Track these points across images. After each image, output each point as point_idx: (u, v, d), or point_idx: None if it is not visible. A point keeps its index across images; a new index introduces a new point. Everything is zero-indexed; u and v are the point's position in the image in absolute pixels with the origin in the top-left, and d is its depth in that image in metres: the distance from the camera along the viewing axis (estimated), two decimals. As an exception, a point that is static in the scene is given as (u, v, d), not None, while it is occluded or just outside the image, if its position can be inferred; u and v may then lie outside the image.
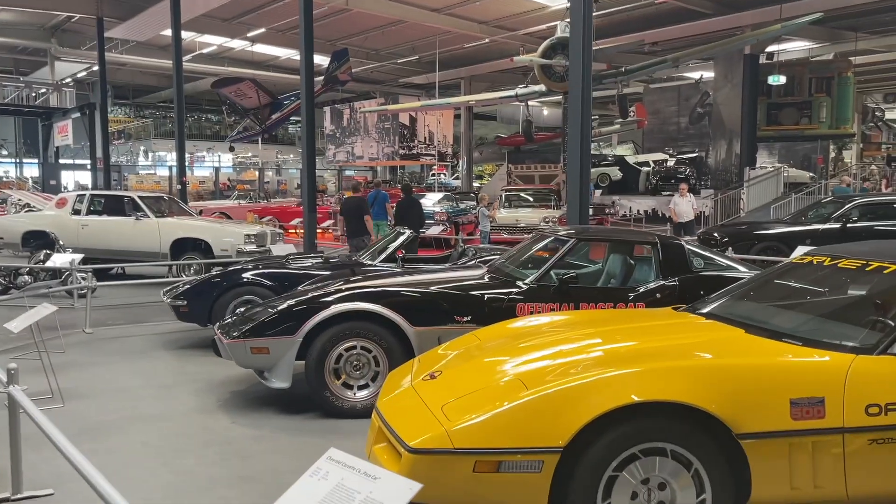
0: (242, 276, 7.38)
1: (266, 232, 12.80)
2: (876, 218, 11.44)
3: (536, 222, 16.10)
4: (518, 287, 5.28)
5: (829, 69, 24.99)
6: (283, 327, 5.06)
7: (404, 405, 3.34)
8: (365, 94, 36.34)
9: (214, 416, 5.13)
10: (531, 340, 3.71)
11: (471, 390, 3.16)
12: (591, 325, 3.91)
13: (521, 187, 18.44)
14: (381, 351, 5.05)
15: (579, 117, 9.84)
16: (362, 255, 7.90)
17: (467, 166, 31.34)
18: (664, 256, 5.40)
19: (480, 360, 3.58)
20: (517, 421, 2.84)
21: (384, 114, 28.83)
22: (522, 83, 29.47)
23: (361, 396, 5.07)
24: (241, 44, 28.52)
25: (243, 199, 26.39)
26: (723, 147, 25.34)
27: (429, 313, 5.12)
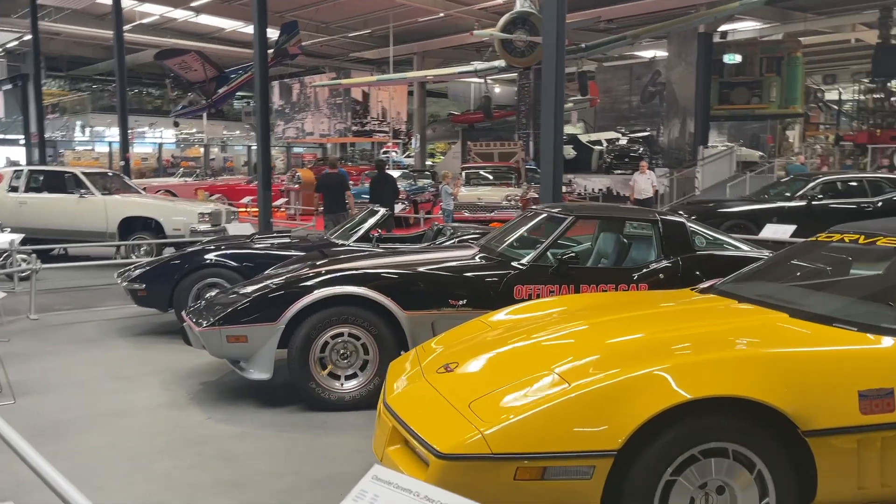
0: (205, 257, 6.88)
1: (221, 210, 12.21)
2: (839, 195, 11.51)
3: (498, 200, 15.81)
4: (514, 268, 4.96)
5: (778, 49, 25.30)
6: (264, 313, 4.64)
7: (421, 402, 2.99)
8: (314, 68, 35.36)
9: (186, 412, 4.69)
10: (551, 327, 3.39)
11: (499, 385, 2.82)
12: (612, 309, 3.61)
13: (480, 165, 18.10)
14: (370, 338, 4.68)
15: (553, 94, 9.56)
16: (334, 235, 7.47)
17: (420, 144, 30.83)
18: (666, 235, 5.14)
19: (500, 350, 3.24)
20: (562, 421, 2.52)
21: (336, 89, 28.04)
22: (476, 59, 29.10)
23: (350, 387, 4.69)
24: (184, 14, 27.30)
25: (189, 177, 25.39)
26: (676, 126, 25.50)
27: (422, 297, 4.76)
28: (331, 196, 11.58)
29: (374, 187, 12.80)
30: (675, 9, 23.13)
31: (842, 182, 11.74)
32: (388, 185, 12.87)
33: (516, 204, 15.75)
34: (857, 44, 30.59)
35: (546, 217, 5.59)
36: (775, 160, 22.30)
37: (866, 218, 11.35)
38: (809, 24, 25.86)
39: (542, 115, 9.78)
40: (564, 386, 2.62)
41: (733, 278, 3.96)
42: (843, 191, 11.53)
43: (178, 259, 6.95)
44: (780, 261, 4.00)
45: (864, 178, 12.05)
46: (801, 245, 3.95)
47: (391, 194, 12.72)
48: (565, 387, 2.61)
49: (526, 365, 2.97)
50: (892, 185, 11.81)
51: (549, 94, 9.65)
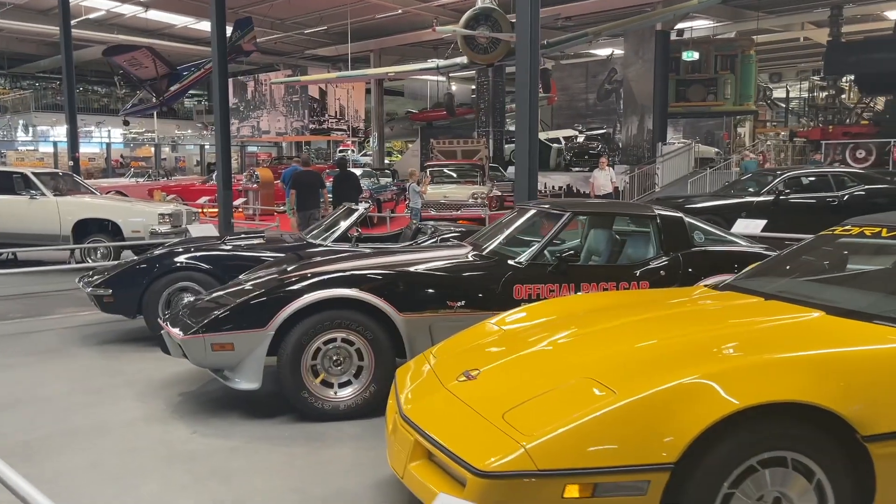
0: (175, 260, 6.52)
1: (182, 211, 11.74)
2: (805, 190, 11.63)
3: (464, 199, 15.64)
4: (512, 267, 4.77)
5: (732, 47, 25.73)
6: (251, 319, 4.36)
7: (446, 414, 2.78)
8: (268, 66, 34.72)
9: (169, 426, 4.37)
10: (571, 330, 3.21)
11: (532, 394, 2.63)
12: (629, 310, 3.44)
13: (444, 163, 17.90)
14: (365, 343, 4.43)
15: (527, 92, 9.42)
16: (310, 235, 7.18)
17: (379, 142, 30.49)
18: (664, 230, 5.01)
19: (524, 355, 3.05)
20: (612, 432, 2.33)
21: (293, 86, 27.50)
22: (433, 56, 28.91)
23: (344, 395, 4.44)
24: (132, 9, 26.42)
25: (141, 177, 24.60)
26: (634, 123, 25.66)
27: (418, 298, 4.54)
28: (304, 193, 11.51)
29: (338, 186, 12.81)
30: (632, 7, 23.32)
31: (807, 177, 11.87)
32: (352, 183, 12.87)
33: (483, 202, 15.62)
34: (806, 42, 31.37)
35: (539, 214, 5.42)
36: (732, 157, 22.61)
37: (831, 212, 11.52)
38: (761, 23, 26.38)
39: (517, 113, 9.64)
40: (610, 394, 2.44)
41: (749, 274, 3.84)
42: (809, 185, 11.66)
43: (146, 263, 6.57)
44: (795, 255, 3.89)
45: (829, 173, 12.23)
46: (816, 239, 3.85)
47: (355, 192, 12.76)
48: (611, 395, 2.43)
49: (555, 371, 2.78)
50: (854, 179, 12.00)
51: (523, 91, 9.50)
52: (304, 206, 11.54)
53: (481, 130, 27.20)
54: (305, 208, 11.52)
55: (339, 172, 13.42)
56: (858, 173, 12.90)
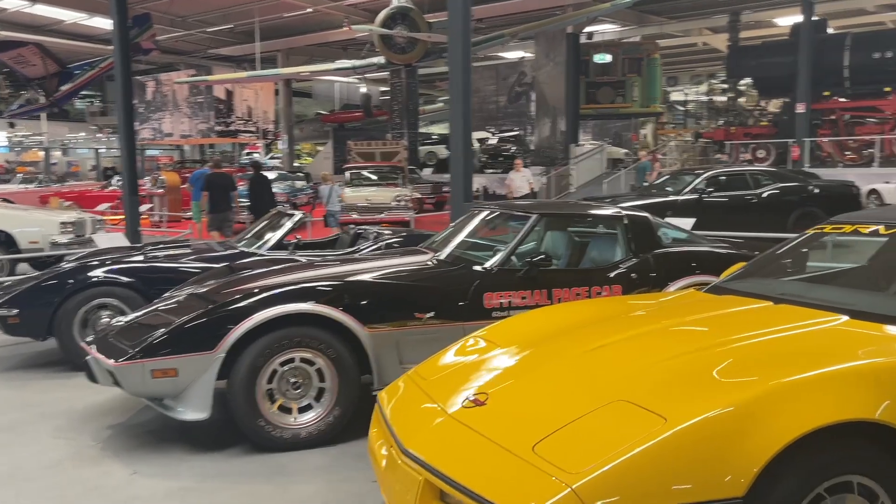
0: (89, 274, 5.85)
1: (85, 219, 10.82)
2: (725, 188, 11.89)
3: (388, 202, 15.23)
4: (480, 273, 4.45)
5: (638, 51, 26.38)
6: (197, 341, 3.86)
7: (459, 447, 2.42)
8: (168, 65, 33.11)
9: (102, 466, 3.81)
10: (581, 344, 2.92)
11: (563, 421, 2.31)
12: (636, 319, 3.19)
13: (363, 164, 17.41)
14: (327, 362, 4.01)
15: (461, 92, 9.17)
16: (241, 243, 6.65)
17: (289, 144, 29.61)
18: (633, 231, 4.82)
19: (535, 375, 2.73)
20: (668, 465, 2.04)
21: (198, 86, 26.26)
22: (343, 57, 28.32)
23: (305, 421, 4.00)
24: (17, 2, 24.56)
25: (30, 184, 22.89)
26: (546, 125, 25.90)
27: (384, 311, 4.15)
28: (217, 196, 11.49)
29: (253, 189, 12.66)
30: (542, 9, 23.54)
31: (727, 176, 12.15)
32: (267, 187, 12.83)
33: (407, 205, 15.27)
34: (704, 47, 32.69)
35: (500, 216, 5.13)
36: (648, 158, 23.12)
37: (751, 209, 11.83)
38: (665, 28, 27.26)
39: (451, 114, 9.37)
40: (658, 420, 2.15)
41: (737, 276, 3.67)
42: (729, 184, 11.92)
43: (56, 278, 5.86)
44: (784, 255, 3.74)
45: (747, 172, 12.56)
46: (806, 238, 3.71)
47: (270, 196, 12.70)
48: (659, 421, 2.14)
49: (579, 393, 2.48)
50: (770, 177, 12.38)
51: (457, 92, 9.24)
52: (217, 208, 11.50)
53: (396, 132, 26.87)
54: (218, 211, 11.48)
55: (254, 175, 13.17)
56: (773, 171, 13.35)
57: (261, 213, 12.99)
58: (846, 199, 12.10)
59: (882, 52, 19.67)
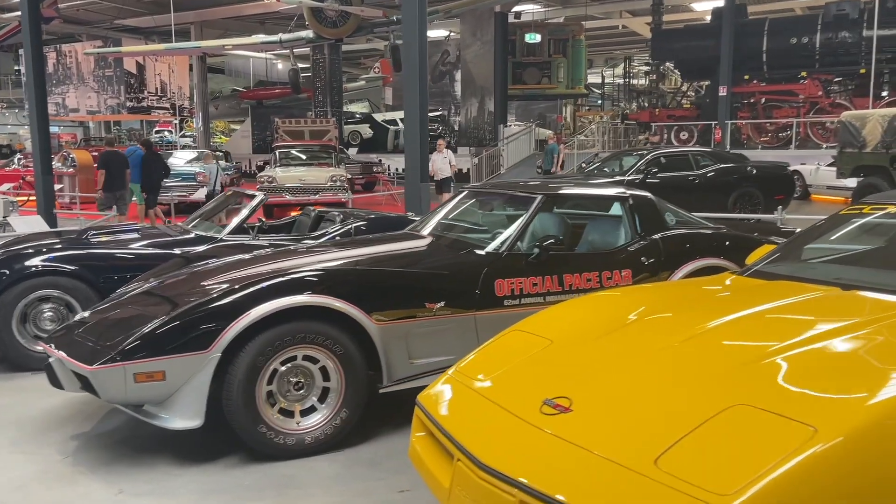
0: (26, 264, 5.20)
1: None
2: (669, 169, 11.99)
3: (323, 182, 14.65)
4: (487, 259, 4.14)
5: (564, 32, 26.51)
6: (188, 340, 3.39)
7: (557, 461, 2.12)
8: (69, 36, 30.99)
9: (79, 485, 3.31)
10: (655, 337, 2.66)
11: (680, 430, 2.05)
12: (701, 310, 2.93)
13: (294, 143, 16.69)
14: (333, 360, 3.62)
15: (416, 70, 8.80)
16: (195, 227, 6.09)
17: (203, 122, 28.27)
18: (639, 212, 4.62)
19: (621, 375, 2.45)
20: (829, 483, 1.81)
21: (106, 59, 24.61)
22: (259, 32, 27.21)
23: (310, 425, 3.60)
24: None
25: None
26: (474, 105, 25.73)
27: (393, 301, 3.78)
28: (112, 174, 11.88)
29: (145, 167, 12.52)
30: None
31: (671, 157, 12.25)
32: (159, 165, 12.76)
33: (343, 185, 14.73)
34: (623, 30, 33.19)
35: (492, 197, 4.83)
36: (574, 138, 23.31)
37: (693, 190, 11.97)
38: (589, 10, 27.43)
39: (406, 93, 8.99)
40: (804, 429, 1.91)
41: (777, 259, 3.50)
42: (673, 165, 12.03)
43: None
44: (818, 236, 3.61)
45: (689, 153, 12.71)
46: (836, 217, 3.59)
47: (161, 175, 12.75)
48: (806, 430, 1.90)
49: (686, 396, 2.22)
50: (710, 158, 12.58)
51: (412, 70, 8.87)
52: (112, 187, 11.93)
53: (319, 110, 26.08)
54: (113, 189, 11.93)
55: (146, 154, 12.78)
56: (711, 152, 13.58)
57: (152, 192, 12.69)
58: (781, 179, 12.43)
59: (799, 37, 20.40)
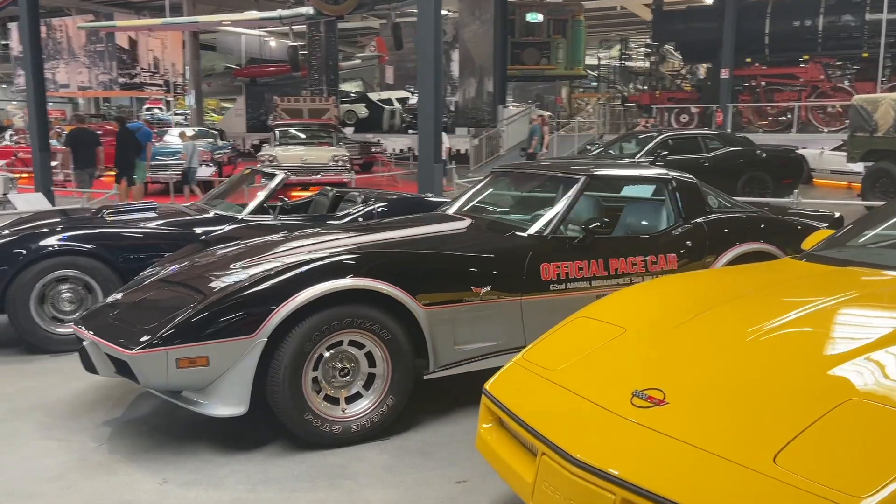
0: (44, 242, 5.02)
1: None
2: (679, 151, 11.87)
3: (325, 161, 14.45)
4: (531, 242, 4.01)
5: (563, 12, 26.21)
6: (233, 323, 3.25)
7: (660, 457, 2.01)
8: (57, 10, 30.38)
9: (119, 475, 3.17)
10: (745, 325, 2.53)
11: (794, 426, 1.94)
12: (778, 297, 2.82)
13: (292, 122, 16.44)
14: (380, 345, 3.49)
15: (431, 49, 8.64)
16: (214, 206, 5.92)
17: (197, 100, 27.85)
18: (682, 195, 4.50)
19: (712, 366, 2.33)
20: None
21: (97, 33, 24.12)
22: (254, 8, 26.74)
23: (356, 412, 3.48)
24: None
25: None
26: (472, 85, 25.44)
27: (440, 285, 3.65)
28: (83, 152, 12.02)
29: (119, 144, 12.59)
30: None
31: (680, 139, 12.14)
32: (132, 142, 12.83)
33: (345, 165, 14.54)
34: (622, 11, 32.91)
35: (536, 178, 4.69)
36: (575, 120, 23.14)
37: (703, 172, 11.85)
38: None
39: (420, 73, 8.82)
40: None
41: (837, 243, 3.40)
42: (682, 147, 11.90)
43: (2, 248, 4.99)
44: (879, 221, 3.50)
45: (699, 135, 12.60)
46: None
47: (136, 151, 12.86)
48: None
49: (790, 389, 2.11)
50: (719, 140, 12.47)
51: (427, 49, 8.69)
52: (82, 164, 12.07)
53: (314, 89, 25.72)
54: (83, 167, 12.07)
55: (120, 130, 13.01)
56: (720, 134, 13.47)
57: (125, 168, 12.64)
58: (790, 163, 12.36)
59: (801, 20, 20.27)
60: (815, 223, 4.89)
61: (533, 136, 17.67)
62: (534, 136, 17.61)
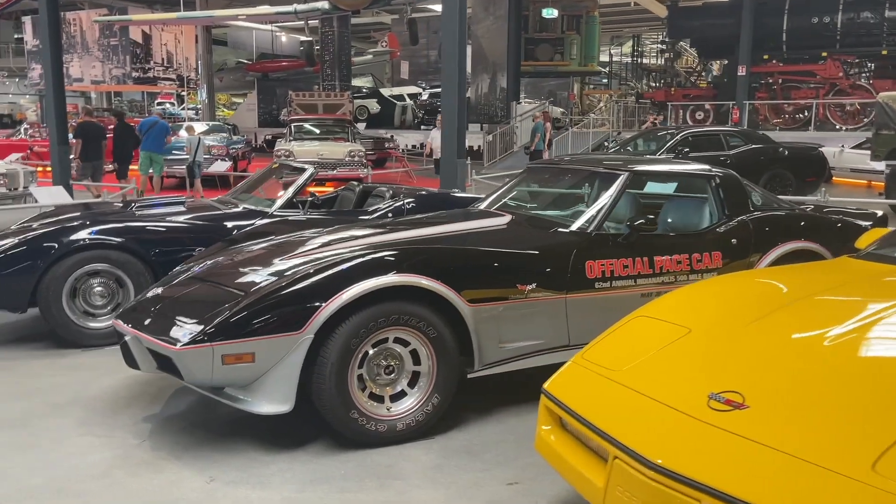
0: (75, 236, 4.97)
1: (18, 170, 9.64)
2: (701, 148, 11.77)
3: (341, 157, 14.39)
4: (575, 238, 3.94)
5: (578, 8, 26.08)
6: (280, 320, 3.20)
7: (746, 462, 1.94)
8: (71, 4, 30.39)
9: (165, 472, 3.12)
10: (817, 327, 2.46)
11: (888, 434, 1.87)
12: (849, 293, 2.77)
13: (307, 117, 16.39)
14: (426, 343, 3.43)
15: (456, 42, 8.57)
16: (245, 201, 5.87)
17: (209, 94, 27.85)
18: (726, 192, 4.42)
19: (790, 369, 2.26)
20: None
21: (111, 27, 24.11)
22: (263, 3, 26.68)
23: (400, 411, 3.42)
24: None
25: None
26: (485, 81, 25.35)
27: (487, 283, 3.59)
28: (91, 144, 11.99)
29: (116, 138, 12.66)
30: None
31: (702, 136, 12.03)
32: (131, 137, 12.95)
33: (361, 160, 14.48)
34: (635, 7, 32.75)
35: (573, 174, 4.62)
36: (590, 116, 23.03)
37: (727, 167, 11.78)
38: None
39: (444, 67, 8.75)
40: None
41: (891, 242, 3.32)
42: (703, 144, 11.81)
43: (34, 241, 4.92)
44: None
45: (720, 132, 12.50)
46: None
47: (133, 145, 12.98)
48: None
49: (876, 394, 2.05)
50: (741, 138, 12.37)
51: (452, 43, 8.62)
52: (89, 156, 12.08)
53: (327, 84, 25.68)
54: (90, 159, 12.07)
55: (118, 124, 13.01)
56: (742, 132, 13.36)
57: (123, 162, 12.80)
58: (813, 161, 12.24)
59: (820, 17, 20.09)
60: (859, 221, 4.80)
61: (535, 133, 17.34)
62: (536, 133, 17.28)
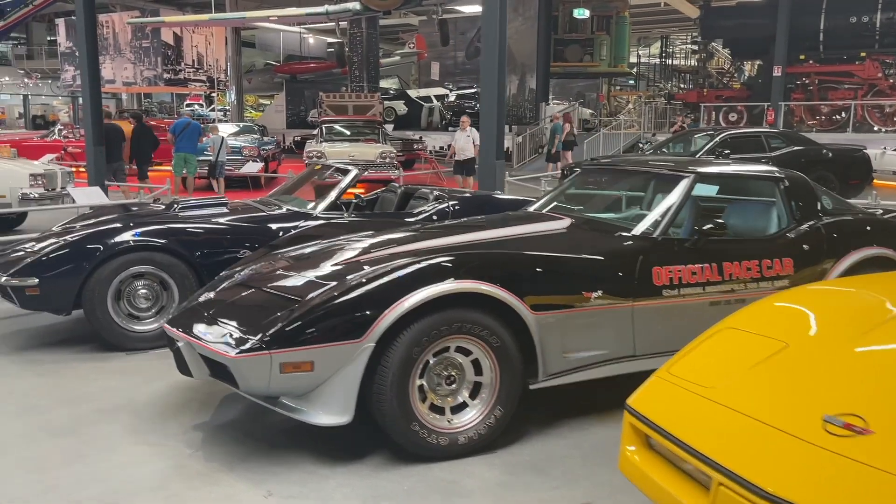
0: (119, 238, 4.88)
1: (56, 171, 9.63)
2: (740, 149, 11.51)
3: (373, 158, 14.29)
4: (641, 244, 3.77)
5: (608, 8, 25.82)
6: (340, 327, 3.06)
7: (873, 493, 1.77)
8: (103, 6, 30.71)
9: (221, 485, 3.00)
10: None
11: None
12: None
13: (338, 118, 16.34)
14: (488, 353, 3.28)
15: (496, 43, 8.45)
16: (287, 203, 5.77)
17: (237, 96, 27.95)
18: (795, 196, 4.23)
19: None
20: None
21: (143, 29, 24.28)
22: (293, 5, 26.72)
23: (462, 424, 3.27)
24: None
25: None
26: (514, 82, 25.18)
27: (551, 290, 3.43)
28: (110, 147, 12.09)
29: (135, 140, 12.73)
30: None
31: (742, 137, 11.77)
32: (149, 139, 13.07)
33: (393, 161, 14.38)
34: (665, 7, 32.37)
35: (635, 175, 4.45)
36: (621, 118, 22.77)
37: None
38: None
39: (483, 68, 8.61)
40: None
41: None
42: (744, 146, 11.54)
43: (79, 243, 4.83)
44: None
45: (762, 133, 12.23)
46: None
47: (152, 147, 13.16)
48: None
49: None
50: (782, 139, 12.08)
51: (491, 44, 8.49)
52: (110, 158, 12.20)
53: (355, 85, 25.65)
54: (110, 161, 12.19)
55: (137, 126, 13.08)
56: (784, 133, 13.08)
57: (143, 163, 12.84)
58: (857, 163, 11.91)
59: (858, 16, 19.66)
60: (931, 226, 4.58)
61: (555, 134, 16.96)
62: (556, 134, 16.91)
